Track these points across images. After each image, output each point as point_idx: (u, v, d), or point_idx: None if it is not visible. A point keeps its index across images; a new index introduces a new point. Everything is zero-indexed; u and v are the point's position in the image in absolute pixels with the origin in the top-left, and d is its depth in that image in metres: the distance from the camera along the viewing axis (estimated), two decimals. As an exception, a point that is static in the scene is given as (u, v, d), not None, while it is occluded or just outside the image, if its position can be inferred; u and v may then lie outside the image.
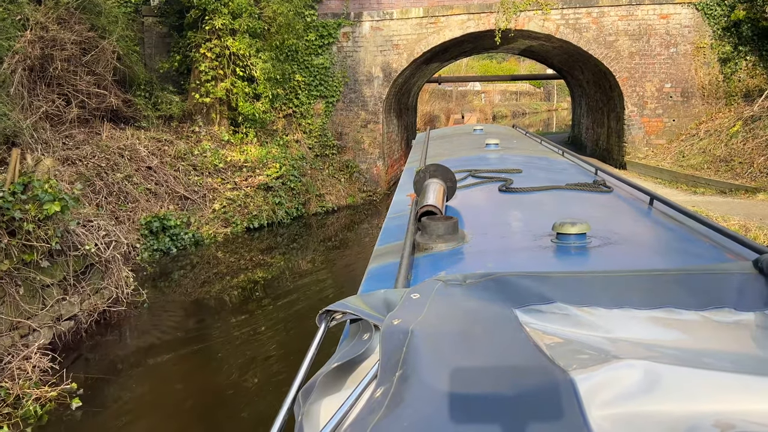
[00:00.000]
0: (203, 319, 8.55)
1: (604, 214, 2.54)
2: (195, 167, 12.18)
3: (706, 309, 1.37)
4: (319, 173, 14.58)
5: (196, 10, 12.24)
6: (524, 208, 2.64)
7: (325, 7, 15.28)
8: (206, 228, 11.43)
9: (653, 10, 14.50)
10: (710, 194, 10.93)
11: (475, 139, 5.62)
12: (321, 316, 1.38)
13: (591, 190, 2.91)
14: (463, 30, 15.18)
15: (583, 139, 21.26)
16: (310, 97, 15.37)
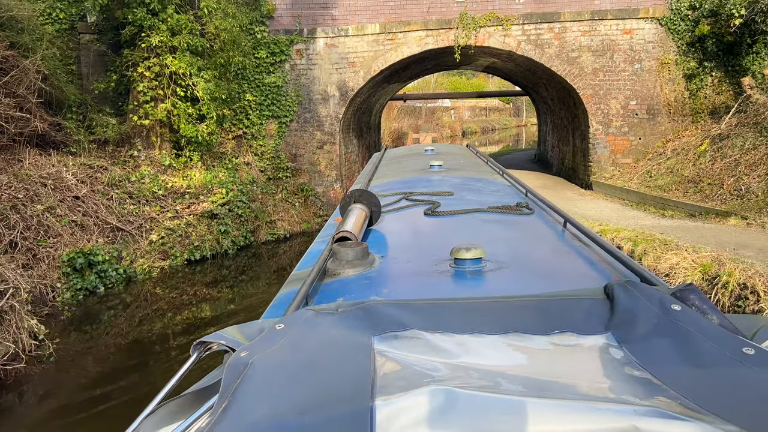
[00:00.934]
0: (126, 370, 7.60)
1: (515, 236, 2.69)
2: (131, 195, 11.23)
3: (551, 333, 1.44)
4: (271, 198, 13.72)
5: (131, 27, 11.37)
6: (441, 232, 2.77)
7: (277, 23, 14.52)
8: (141, 262, 10.48)
9: (616, 25, 14.05)
10: (679, 217, 10.35)
11: (423, 159, 5.74)
12: (195, 347, 1.40)
13: (512, 213, 3.03)
14: (422, 47, 14.55)
15: (549, 158, 20.76)
16: (262, 117, 14.55)
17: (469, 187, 4.04)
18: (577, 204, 12.96)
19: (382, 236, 2.77)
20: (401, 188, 3.95)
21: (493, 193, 3.81)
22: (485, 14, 14.30)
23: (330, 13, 14.52)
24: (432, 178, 4.47)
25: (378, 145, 23.61)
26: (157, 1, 11.10)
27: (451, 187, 3.92)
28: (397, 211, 3.27)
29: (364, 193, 2.88)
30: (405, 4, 14.46)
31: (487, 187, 4.09)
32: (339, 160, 15.02)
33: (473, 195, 3.69)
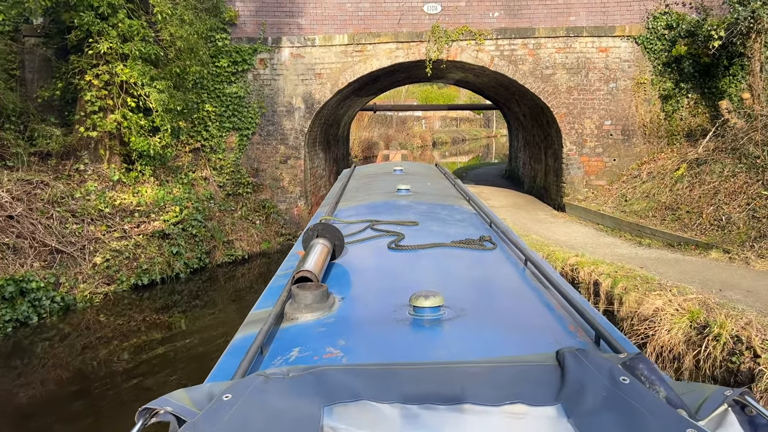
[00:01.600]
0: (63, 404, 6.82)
1: (475, 276, 2.69)
2: (74, 213, 10.35)
3: (502, 404, 1.43)
4: (230, 216, 12.92)
5: (78, 31, 10.52)
6: (403, 270, 2.73)
7: (240, 31, 13.78)
8: (82, 288, 9.61)
9: (592, 43, 13.66)
10: (657, 247, 9.90)
11: (391, 181, 5.77)
12: (140, 413, 1.38)
13: (474, 248, 3.05)
14: (392, 60, 13.96)
15: (520, 174, 20.35)
16: (222, 129, 13.76)
17: (434, 215, 4.05)
18: (551, 227, 12.47)
19: (344, 272, 2.74)
20: (368, 214, 3.98)
21: (457, 223, 3.83)
22: (458, 28, 13.78)
23: (296, 22, 13.85)
24: (399, 203, 4.45)
25: (346, 158, 22.95)
26: (107, 5, 10.28)
27: (416, 215, 3.94)
28: (361, 243, 3.24)
29: (327, 227, 2.85)
30: (375, 15, 13.86)
31: (452, 215, 4.10)
32: (304, 175, 14.31)
33: (438, 225, 3.69)
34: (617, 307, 7.19)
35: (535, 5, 13.74)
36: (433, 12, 13.84)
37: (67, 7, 10.40)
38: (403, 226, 3.54)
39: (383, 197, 4.82)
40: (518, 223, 12.94)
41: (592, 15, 13.61)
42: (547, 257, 9.54)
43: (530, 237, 11.25)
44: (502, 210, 14.91)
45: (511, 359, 1.66)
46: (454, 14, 13.81)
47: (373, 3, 13.82)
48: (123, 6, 10.57)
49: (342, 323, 2.13)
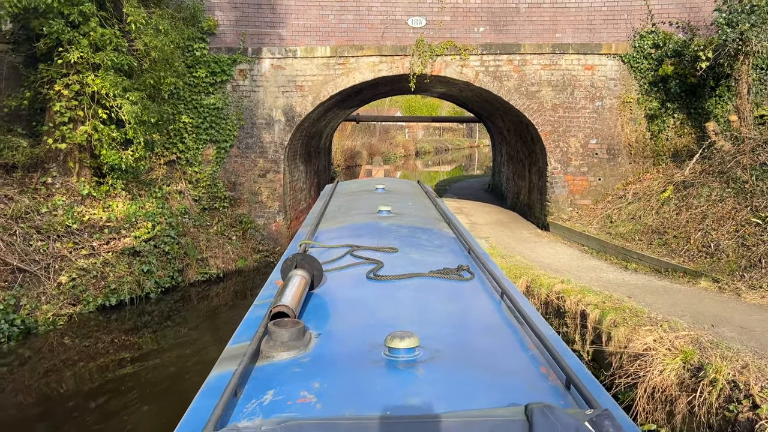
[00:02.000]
0: None
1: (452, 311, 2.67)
2: (39, 230, 9.86)
3: None
4: (205, 231, 12.48)
5: (48, 39, 10.06)
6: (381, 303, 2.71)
7: (219, 41, 13.38)
8: (45, 309, 9.12)
9: (578, 60, 13.47)
10: (644, 272, 9.66)
11: (373, 200, 5.80)
12: None
13: (452, 278, 3.08)
14: (375, 73, 13.65)
15: (503, 189, 20.13)
16: (199, 141, 13.33)
17: (414, 240, 4.04)
18: (535, 248, 12.20)
19: (321, 304, 2.73)
20: (348, 237, 4.00)
21: (436, 250, 3.83)
22: (442, 42, 13.52)
23: (277, 33, 13.49)
24: (380, 225, 4.45)
25: (328, 169, 22.60)
26: (78, 13, 9.84)
27: (396, 239, 3.97)
28: (340, 271, 3.23)
29: (306, 258, 2.87)
30: (358, 27, 13.55)
31: (431, 241, 4.09)
32: (283, 189, 13.91)
33: (417, 252, 3.67)
34: (605, 340, 6.90)
35: (521, 21, 13.53)
36: (417, 26, 13.57)
37: (36, 13, 9.94)
38: (383, 253, 3.55)
39: (364, 218, 4.81)
40: (502, 243, 12.66)
41: (579, 32, 13.43)
42: (531, 282, 9.25)
43: (514, 258, 10.98)
44: (485, 227, 14.64)
45: (482, 413, 1.69)
46: (438, 28, 13.56)
47: (356, 15, 13.52)
48: (95, 14, 10.13)
49: (317, 363, 2.12)
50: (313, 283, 2.86)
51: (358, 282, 3.05)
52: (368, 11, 13.53)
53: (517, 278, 9.61)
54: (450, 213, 5.55)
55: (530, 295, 9.17)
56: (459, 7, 13.55)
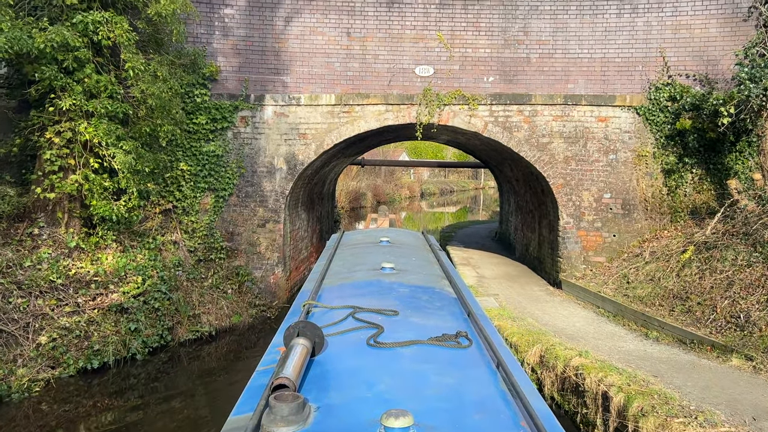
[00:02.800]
0: None
1: (447, 384, 2.69)
2: (20, 285, 9.27)
3: None
4: (198, 285, 11.86)
5: (39, 85, 9.65)
6: (379, 373, 2.77)
7: (221, 87, 13.01)
8: (21, 373, 8.45)
9: (590, 112, 13.02)
10: (666, 342, 8.97)
11: (377, 255, 5.96)
12: None
13: (450, 347, 3.13)
14: (381, 122, 13.21)
15: (511, 240, 19.51)
16: (197, 189, 12.83)
17: (415, 302, 4.08)
18: (546, 307, 11.53)
19: (322, 373, 2.78)
20: (351, 297, 4.11)
21: (436, 312, 3.89)
22: (451, 91, 13.12)
23: (281, 80, 13.12)
24: (382, 284, 4.55)
25: (331, 214, 22.09)
26: (73, 59, 9.44)
27: (398, 300, 4.06)
28: (341, 335, 3.29)
29: (308, 326, 2.95)
30: (364, 75, 13.18)
31: (432, 302, 4.13)
32: (283, 240, 13.34)
33: (417, 316, 3.73)
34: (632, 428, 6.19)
35: (531, 71, 13.14)
36: (425, 75, 13.19)
37: (29, 58, 9.55)
38: (384, 316, 3.63)
39: (368, 275, 4.89)
40: (511, 301, 12.00)
41: (592, 83, 13.02)
42: (546, 352, 8.57)
43: (526, 321, 10.31)
44: (493, 282, 13.99)
45: None
46: (447, 77, 13.17)
47: (362, 63, 13.17)
48: (91, 60, 9.74)
49: None
50: (315, 350, 2.93)
51: (358, 349, 3.10)
52: (375, 59, 13.18)
53: (530, 346, 8.93)
54: (452, 269, 5.63)
55: (545, 367, 8.48)
56: (468, 56, 13.19)
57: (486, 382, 2.74)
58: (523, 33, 13.07)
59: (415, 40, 13.16)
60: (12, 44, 8.78)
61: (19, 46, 8.86)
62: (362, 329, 3.38)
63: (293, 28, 13.03)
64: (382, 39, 13.16)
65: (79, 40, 9.38)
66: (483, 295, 12.47)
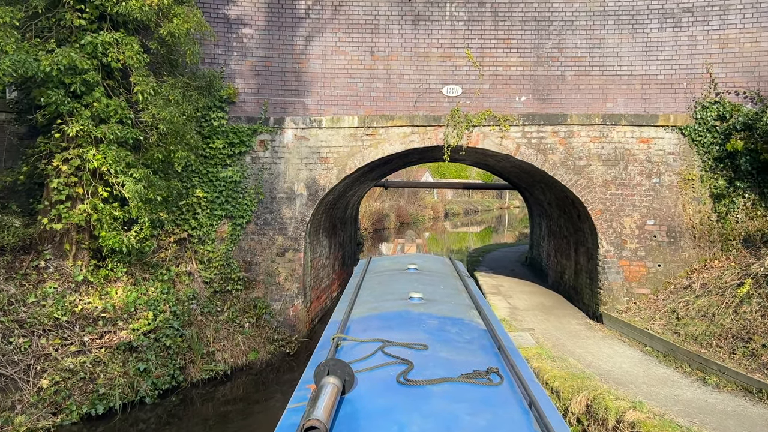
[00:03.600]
0: None
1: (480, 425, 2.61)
2: (23, 324, 8.67)
3: None
4: (213, 319, 11.18)
5: (46, 110, 9.13)
6: (409, 414, 2.71)
7: (239, 110, 12.44)
8: (20, 420, 7.80)
9: (631, 133, 12.15)
10: (729, 390, 8.01)
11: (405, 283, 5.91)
12: None
13: (480, 384, 3.06)
14: (406, 144, 12.50)
15: (543, 266, 18.56)
16: (213, 217, 12.21)
17: (444, 335, 4.01)
18: (588, 345, 10.60)
19: (353, 414, 2.73)
20: (380, 329, 4.06)
21: (466, 346, 3.82)
22: (480, 112, 12.37)
23: (302, 102, 12.51)
24: (411, 315, 4.50)
25: (354, 239, 21.38)
26: (81, 82, 8.92)
27: (427, 333, 3.99)
28: (371, 372, 3.23)
29: (338, 364, 2.93)
30: (388, 96, 12.51)
31: (461, 335, 4.07)
32: (303, 270, 12.63)
33: (446, 350, 3.66)
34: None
35: (567, 90, 12.35)
36: (452, 95, 12.47)
37: (35, 82, 9.06)
38: (413, 350, 3.58)
39: (396, 305, 4.84)
40: (549, 337, 11.10)
41: (632, 102, 12.17)
42: (593, 401, 7.67)
43: (567, 362, 9.41)
44: (527, 314, 13.08)
45: None
46: (476, 97, 12.44)
47: (386, 83, 12.51)
48: (100, 83, 9.21)
49: None
50: (345, 388, 2.90)
51: (388, 386, 3.04)
52: (399, 79, 12.51)
53: (575, 393, 8.04)
54: (481, 298, 5.60)
55: (593, 419, 7.58)
56: (498, 75, 12.45)
57: (519, 423, 2.66)
58: (557, 49, 12.30)
59: (442, 58, 12.47)
60: (17, 67, 8.28)
61: (24, 69, 8.36)
62: (392, 365, 3.33)
63: (314, 48, 12.44)
64: (408, 58, 12.50)
65: (87, 62, 8.86)
66: (517, 329, 11.59)
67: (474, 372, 3.17)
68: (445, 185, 31.28)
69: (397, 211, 49.30)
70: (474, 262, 22.34)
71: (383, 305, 4.92)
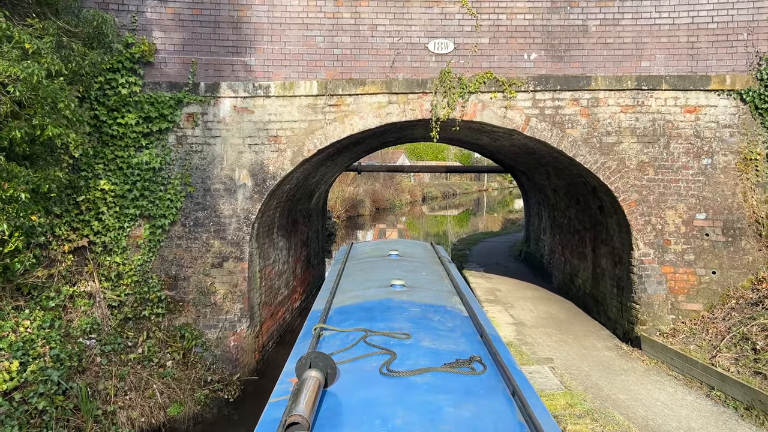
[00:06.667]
0: None
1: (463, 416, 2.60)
2: None
3: None
4: (119, 359, 8.12)
5: None
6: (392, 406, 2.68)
7: (158, 73, 9.30)
8: None
9: (674, 100, 9.33)
10: None
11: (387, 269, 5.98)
12: None
13: (464, 373, 3.05)
14: (381, 118, 9.51)
15: (545, 263, 15.78)
16: (124, 217, 9.12)
17: (427, 323, 3.97)
18: (630, 385, 7.82)
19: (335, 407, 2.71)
20: (362, 318, 4.04)
21: (449, 334, 3.78)
22: (478, 74, 9.43)
23: (242, 62, 9.42)
24: (393, 303, 4.46)
25: (322, 233, 18.36)
26: None
27: (409, 321, 3.96)
28: (354, 363, 3.22)
29: (320, 356, 2.91)
30: (358, 54, 9.49)
31: (444, 323, 4.03)
32: (248, 284, 9.62)
33: (429, 339, 3.62)
34: None
35: (590, 44, 9.46)
36: (442, 51, 9.49)
37: None
38: (396, 340, 3.54)
39: (378, 293, 4.80)
40: (576, 372, 8.34)
41: (674, 60, 9.33)
42: None
43: (610, 416, 6.75)
44: (538, 334, 10.28)
45: None
46: (472, 55, 9.48)
47: (355, 37, 9.47)
48: None
49: None
50: (327, 381, 2.87)
51: (371, 377, 3.01)
52: (372, 31, 9.48)
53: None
54: (462, 284, 5.66)
55: None
56: (501, 25, 9.50)
57: (502, 414, 2.63)
58: (578, -10, 9.38)
59: (427, 3, 9.46)
60: None
61: None
62: (374, 355, 3.29)
63: (257, -10, 9.33)
64: (382, 3, 9.46)
65: None
66: (531, 361, 8.77)
67: (457, 361, 3.15)
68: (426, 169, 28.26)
69: (373, 197, 46.27)
70: (461, 257, 19.49)
71: (365, 293, 4.90)
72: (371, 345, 3.44)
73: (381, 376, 3.00)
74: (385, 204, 48.02)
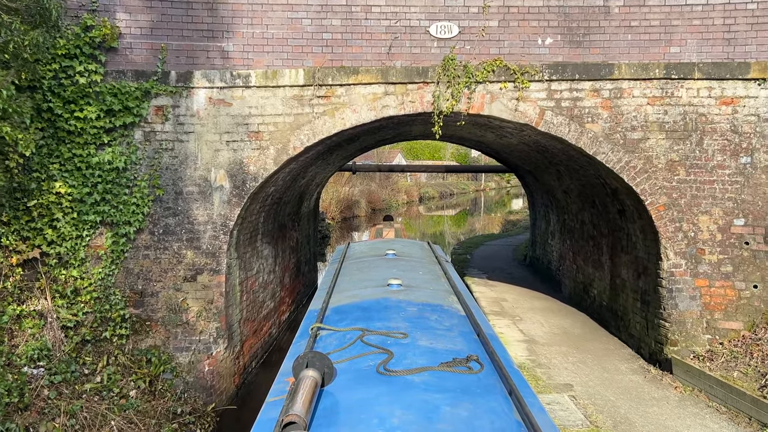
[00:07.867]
0: None
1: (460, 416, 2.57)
2: None
3: None
4: (73, 391, 6.98)
5: None
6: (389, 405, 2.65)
7: (122, 60, 8.16)
8: None
9: (708, 90, 8.23)
10: None
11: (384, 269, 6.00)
12: None
13: (460, 372, 3.02)
14: (377, 112, 8.39)
15: (553, 270, 14.67)
16: (82, 224, 7.97)
17: (424, 322, 3.95)
18: (665, 419, 6.73)
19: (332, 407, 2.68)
20: (359, 318, 4.03)
21: (446, 333, 3.76)
22: (486, 62, 8.32)
23: (219, 48, 8.29)
24: (390, 302, 4.44)
25: (314, 237, 17.24)
26: None
27: (406, 320, 3.94)
28: (351, 362, 3.20)
29: (316, 356, 2.88)
30: (350, 38, 8.37)
31: (441, 322, 4.01)
32: (226, 300, 8.49)
33: (426, 338, 3.60)
34: None
35: (612, 28, 8.35)
36: (445, 36, 8.38)
37: None
38: (393, 339, 3.52)
39: (375, 293, 4.78)
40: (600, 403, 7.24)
41: (708, 45, 8.23)
42: None
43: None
44: (552, 353, 9.18)
45: None
46: (479, 40, 8.36)
47: (347, 20, 8.35)
48: None
49: None
50: (324, 381, 2.84)
51: (368, 377, 2.98)
52: (366, 13, 8.36)
53: None
54: (459, 283, 5.65)
55: None
56: (512, 6, 8.38)
57: (499, 413, 2.60)
58: (599, -34, 8.28)
59: (428, -19, 8.34)
60: None
61: None
62: (371, 354, 3.27)
63: (235, -35, 8.19)
64: (377, -19, 8.34)
65: None
66: (549, 389, 7.66)
67: (454, 360, 3.13)
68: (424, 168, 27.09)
69: (369, 197, 45.09)
70: (461, 261, 18.38)
71: (362, 293, 4.88)
72: (368, 344, 3.45)
73: (378, 376, 2.99)
74: (381, 204, 46.90)
